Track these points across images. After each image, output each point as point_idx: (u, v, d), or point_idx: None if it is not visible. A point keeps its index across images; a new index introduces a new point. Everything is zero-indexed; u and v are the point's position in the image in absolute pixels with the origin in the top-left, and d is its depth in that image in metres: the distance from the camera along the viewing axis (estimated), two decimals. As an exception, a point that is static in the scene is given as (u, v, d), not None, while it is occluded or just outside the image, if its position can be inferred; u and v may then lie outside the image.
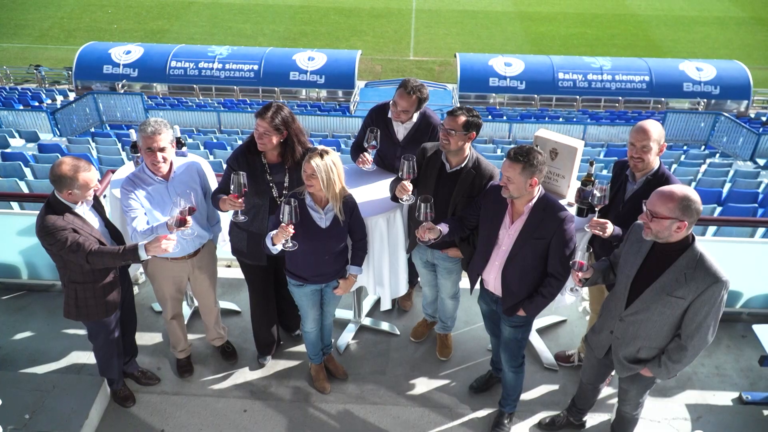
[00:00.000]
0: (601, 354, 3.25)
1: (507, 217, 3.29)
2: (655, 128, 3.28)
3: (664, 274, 2.78)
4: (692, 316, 2.77)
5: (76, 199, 3.17)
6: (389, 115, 4.11)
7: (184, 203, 3.09)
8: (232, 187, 3.29)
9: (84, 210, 3.29)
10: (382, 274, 4.01)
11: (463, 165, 3.57)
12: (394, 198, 3.70)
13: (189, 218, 3.12)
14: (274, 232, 3.27)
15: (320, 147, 3.32)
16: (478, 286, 3.66)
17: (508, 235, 3.29)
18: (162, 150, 3.40)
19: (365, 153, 4.08)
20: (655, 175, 3.36)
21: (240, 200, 3.35)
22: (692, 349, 2.84)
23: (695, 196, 2.62)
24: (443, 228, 3.39)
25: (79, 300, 3.39)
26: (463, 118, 3.43)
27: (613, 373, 3.54)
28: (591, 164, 3.59)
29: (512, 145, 14.55)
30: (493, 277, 3.44)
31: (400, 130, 4.15)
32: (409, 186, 3.51)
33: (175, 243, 3.10)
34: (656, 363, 2.98)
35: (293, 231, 3.22)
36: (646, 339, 2.96)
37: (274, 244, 3.31)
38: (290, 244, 3.29)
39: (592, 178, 3.52)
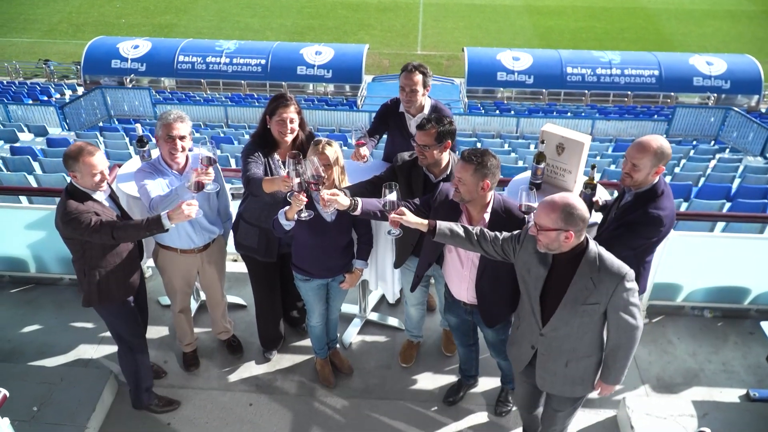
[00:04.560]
0: (520, 368, 3.13)
1: (464, 222, 3.15)
2: (654, 148, 3.00)
3: (571, 285, 2.69)
4: (613, 314, 2.71)
5: (84, 183, 3.17)
6: (400, 109, 4.14)
7: (206, 151, 3.08)
8: (288, 170, 3.03)
9: (102, 198, 3.31)
10: (386, 270, 4.02)
11: (447, 174, 3.53)
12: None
13: (210, 169, 3.11)
14: (287, 207, 3.18)
15: (323, 138, 3.31)
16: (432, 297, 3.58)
17: None
18: (182, 138, 3.42)
19: (360, 148, 4.00)
20: (647, 191, 3.14)
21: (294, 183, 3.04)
22: (628, 341, 2.77)
23: (578, 203, 2.55)
24: (365, 202, 3.14)
25: (101, 283, 3.36)
26: (433, 131, 3.33)
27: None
28: (593, 168, 3.53)
29: (520, 140, 14.64)
30: (465, 289, 3.35)
31: (412, 123, 4.17)
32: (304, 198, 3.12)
33: (197, 208, 3.08)
34: (605, 372, 2.91)
35: (306, 199, 3.10)
36: (572, 351, 2.87)
37: (287, 219, 3.21)
38: (305, 214, 3.17)
39: (594, 182, 3.48)
